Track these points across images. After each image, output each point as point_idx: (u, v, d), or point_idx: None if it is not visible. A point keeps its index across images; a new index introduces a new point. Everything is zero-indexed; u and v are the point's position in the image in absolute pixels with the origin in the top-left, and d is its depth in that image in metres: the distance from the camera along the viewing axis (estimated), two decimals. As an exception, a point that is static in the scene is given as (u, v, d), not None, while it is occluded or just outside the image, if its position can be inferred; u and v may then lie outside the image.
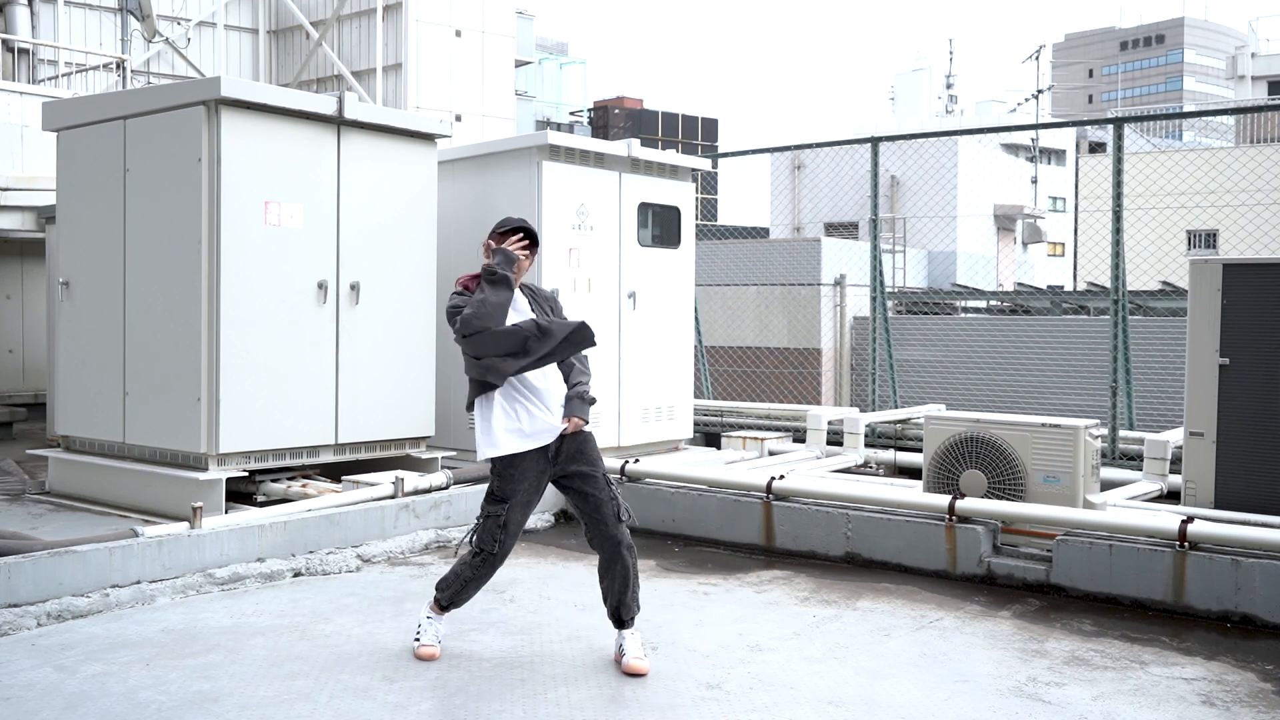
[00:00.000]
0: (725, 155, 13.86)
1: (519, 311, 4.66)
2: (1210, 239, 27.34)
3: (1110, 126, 10.09)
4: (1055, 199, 40.22)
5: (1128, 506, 7.24)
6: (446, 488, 7.19)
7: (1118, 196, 9.63)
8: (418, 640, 4.79)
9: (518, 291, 4.71)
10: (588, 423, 4.68)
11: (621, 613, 4.68)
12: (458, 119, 18.30)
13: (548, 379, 4.64)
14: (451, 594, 4.77)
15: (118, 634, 4.99)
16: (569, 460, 4.65)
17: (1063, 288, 23.78)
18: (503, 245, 4.63)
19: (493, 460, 4.64)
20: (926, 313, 14.98)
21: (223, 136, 6.88)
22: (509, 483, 4.62)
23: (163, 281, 7.15)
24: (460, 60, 19.07)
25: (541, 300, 4.81)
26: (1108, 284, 10.16)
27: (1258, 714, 4.20)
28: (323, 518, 6.43)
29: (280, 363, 7.21)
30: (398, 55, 18.55)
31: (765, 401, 14.07)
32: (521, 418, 4.58)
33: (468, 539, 4.77)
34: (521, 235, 4.67)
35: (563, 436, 4.62)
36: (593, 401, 4.71)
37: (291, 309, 7.27)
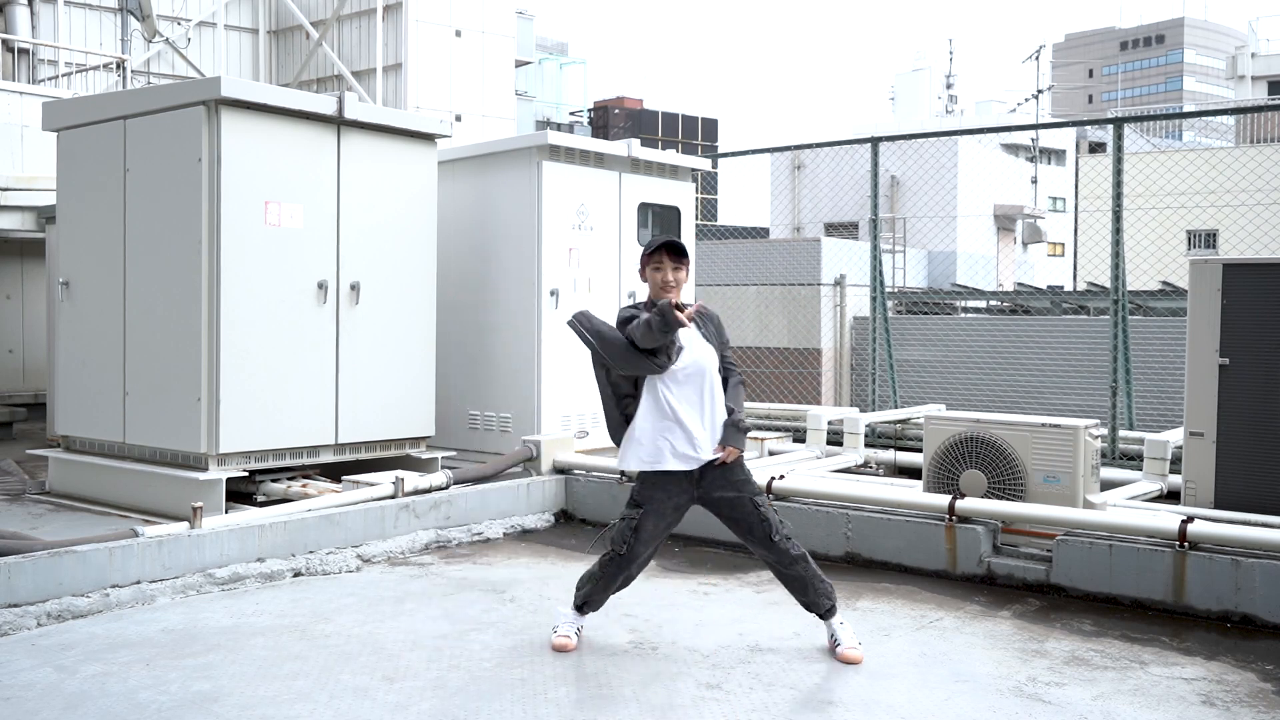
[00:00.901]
0: (725, 155, 13.85)
1: (681, 342, 4.65)
2: (1210, 239, 27.35)
3: (1110, 126, 10.08)
4: (1055, 199, 40.23)
5: (1128, 506, 7.23)
6: (446, 488, 7.19)
7: (1118, 196, 9.63)
8: (555, 630, 4.88)
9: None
10: (743, 450, 4.74)
11: (810, 609, 4.84)
12: (458, 119, 18.31)
13: (703, 405, 4.66)
14: (585, 593, 4.89)
15: (118, 634, 4.99)
16: (713, 486, 4.71)
17: (1063, 288, 23.77)
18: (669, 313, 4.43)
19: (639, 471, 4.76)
20: (926, 313, 14.97)
21: (223, 136, 6.88)
22: (645, 489, 4.73)
23: (163, 281, 7.15)
24: (460, 60, 19.08)
25: (709, 324, 4.81)
26: (1108, 284, 10.15)
27: (1258, 714, 4.20)
28: (323, 518, 6.43)
29: (280, 363, 7.21)
30: (398, 55, 18.55)
31: (765, 401, 14.07)
32: (669, 439, 4.64)
33: (604, 537, 4.86)
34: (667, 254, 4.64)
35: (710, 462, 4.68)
36: (748, 430, 4.77)
37: (291, 309, 7.27)
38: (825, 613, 4.81)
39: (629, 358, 4.58)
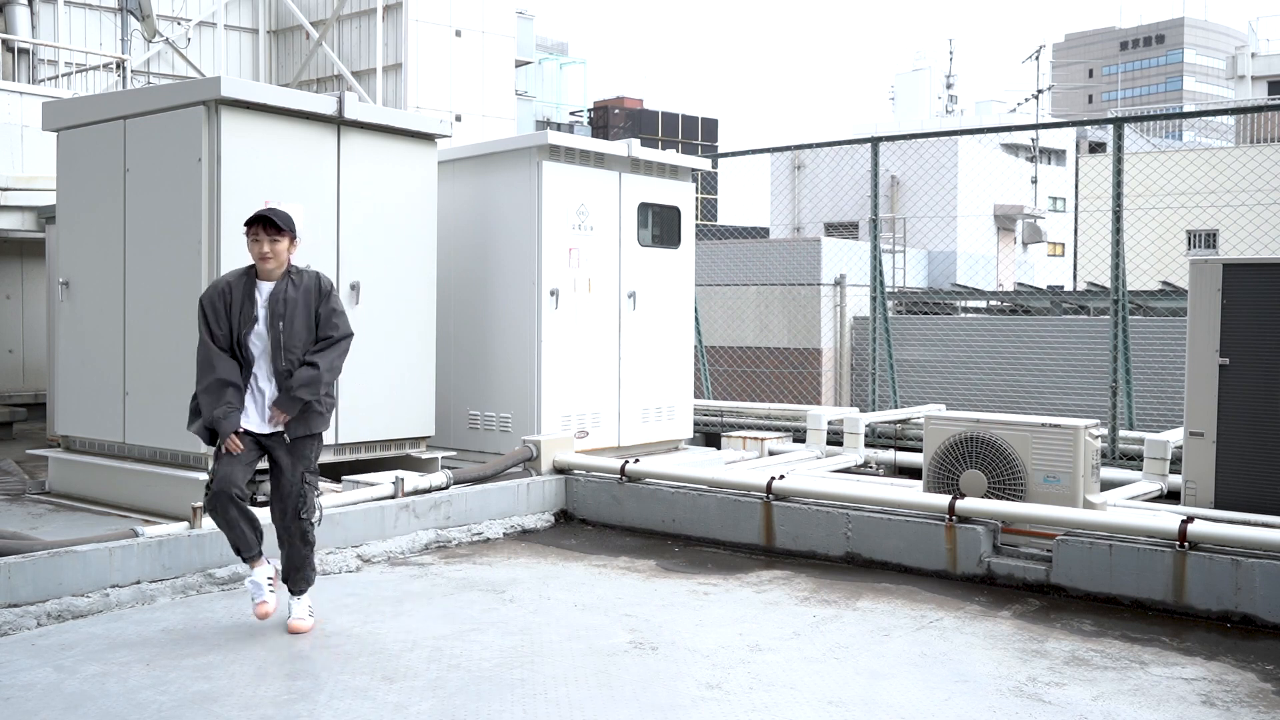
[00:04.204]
0: (725, 155, 13.86)
1: (256, 318, 4.98)
2: (1210, 239, 27.33)
3: (1110, 126, 10.09)
4: (1055, 199, 40.20)
5: (1128, 506, 7.24)
6: (446, 488, 7.19)
7: (1118, 196, 9.63)
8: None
9: (267, 288, 5.02)
10: (291, 415, 4.97)
11: (290, 585, 5.14)
12: (458, 119, 18.30)
13: (266, 371, 5.00)
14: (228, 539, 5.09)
15: (118, 634, 4.99)
16: (277, 448, 5.05)
17: (1063, 288, 23.76)
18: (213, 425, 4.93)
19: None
20: (926, 313, 14.98)
21: (223, 136, 6.88)
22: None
23: (163, 281, 7.14)
24: (460, 60, 19.07)
25: (288, 296, 5.01)
26: (1108, 284, 10.16)
27: (1258, 714, 4.20)
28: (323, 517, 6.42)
29: (280, 363, 7.20)
30: (398, 55, 18.55)
31: (765, 401, 14.07)
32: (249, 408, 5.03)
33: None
34: (263, 228, 4.96)
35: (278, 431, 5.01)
36: (305, 401, 4.98)
37: (291, 309, 7.26)
38: (295, 594, 5.12)
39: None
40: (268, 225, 4.96)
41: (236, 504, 4.92)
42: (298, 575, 5.12)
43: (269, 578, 5.01)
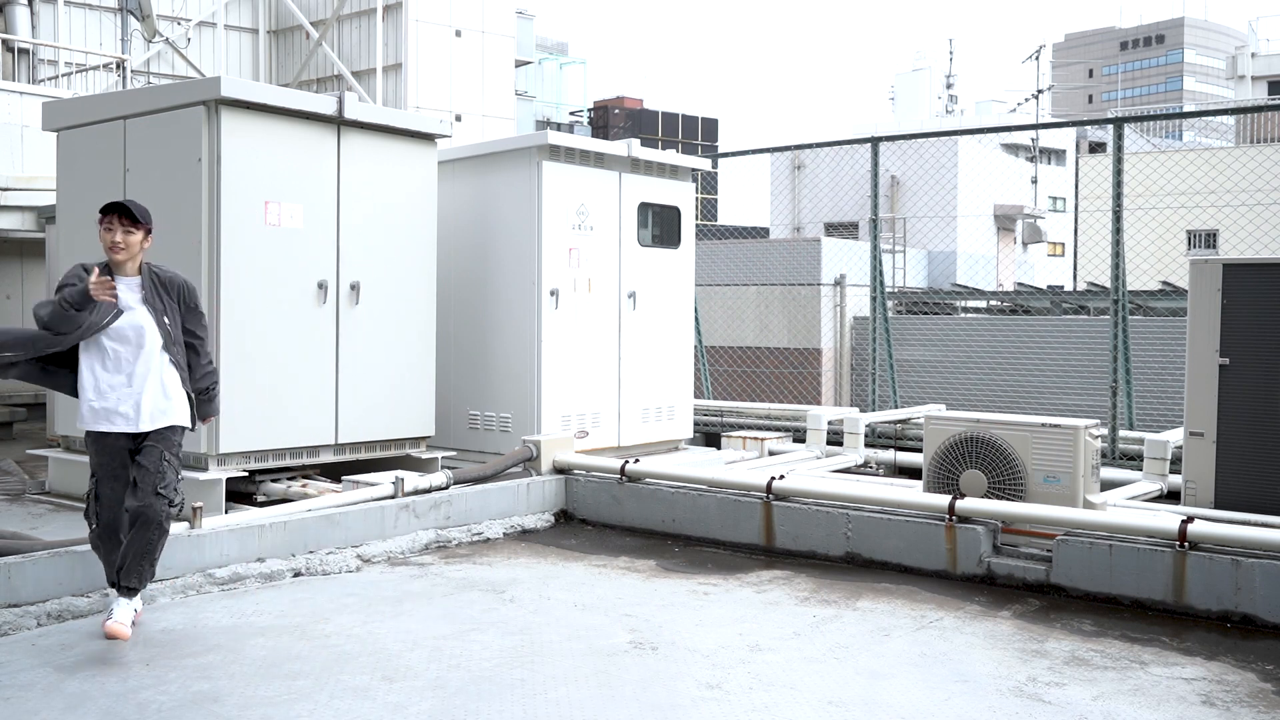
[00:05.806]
0: (725, 155, 13.86)
1: (125, 305, 4.86)
2: (1210, 239, 27.33)
3: (1110, 126, 10.09)
4: (1055, 199, 40.20)
5: (1128, 506, 7.24)
6: (446, 488, 7.19)
7: (1118, 196, 9.63)
8: (108, 619, 4.88)
9: (130, 282, 4.95)
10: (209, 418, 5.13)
11: (119, 576, 4.89)
12: (458, 119, 18.31)
13: (143, 368, 4.84)
14: (108, 576, 4.98)
15: (118, 634, 4.99)
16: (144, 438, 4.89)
17: (1063, 288, 23.78)
18: (97, 279, 4.71)
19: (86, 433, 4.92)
20: (926, 313, 14.98)
21: (223, 136, 6.88)
22: (93, 457, 4.92)
23: (163, 281, 7.14)
24: (460, 60, 19.08)
25: (161, 290, 4.97)
26: (1108, 284, 10.16)
27: (1258, 714, 4.20)
28: (323, 518, 6.43)
29: (280, 362, 7.21)
30: (398, 55, 18.56)
31: (765, 401, 14.07)
32: (109, 398, 4.81)
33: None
34: (117, 218, 4.93)
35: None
36: (207, 415, 5.12)
37: (291, 309, 7.27)
38: (125, 591, 4.90)
39: (47, 340, 4.76)
40: (123, 215, 4.88)
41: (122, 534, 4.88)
42: (136, 566, 4.84)
43: (136, 609, 4.97)
